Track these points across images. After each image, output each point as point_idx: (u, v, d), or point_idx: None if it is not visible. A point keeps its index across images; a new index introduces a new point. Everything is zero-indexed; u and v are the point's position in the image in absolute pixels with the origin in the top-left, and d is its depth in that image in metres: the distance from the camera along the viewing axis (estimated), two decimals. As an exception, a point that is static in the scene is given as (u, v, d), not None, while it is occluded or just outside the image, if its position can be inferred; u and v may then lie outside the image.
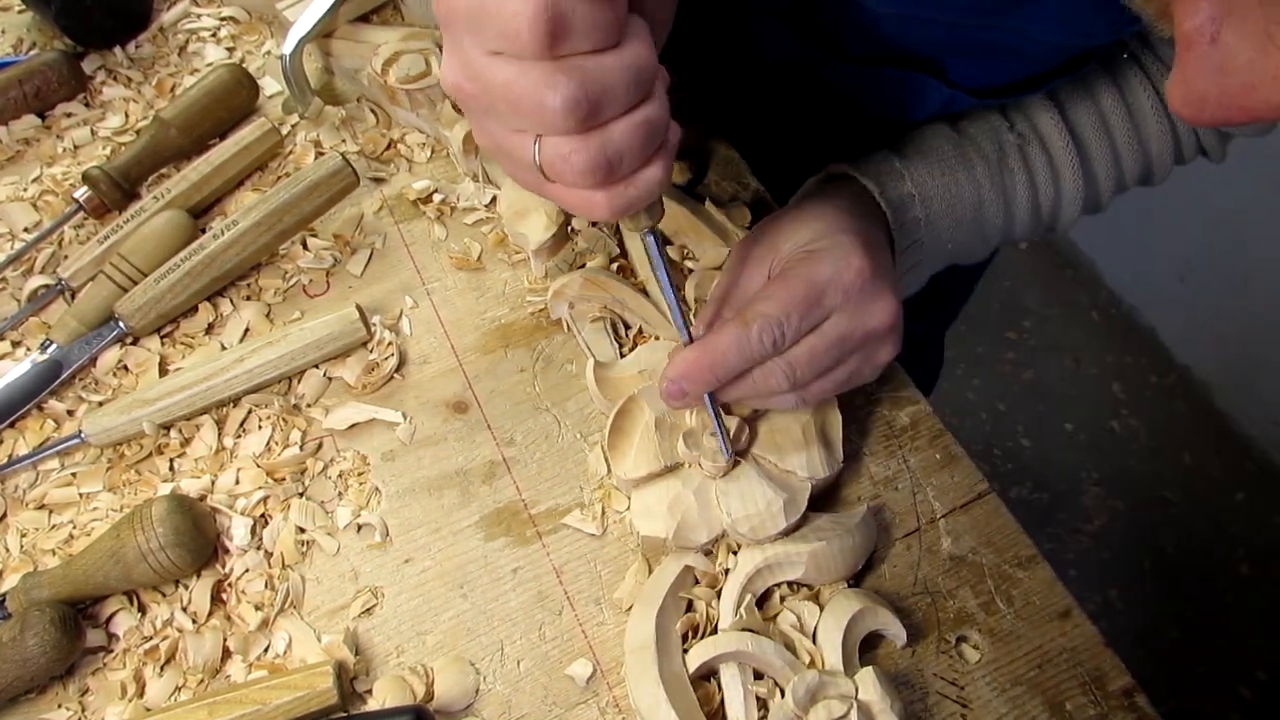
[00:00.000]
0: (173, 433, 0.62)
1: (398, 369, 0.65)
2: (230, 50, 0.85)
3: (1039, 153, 0.64)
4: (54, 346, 0.65)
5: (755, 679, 0.52)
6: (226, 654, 0.55)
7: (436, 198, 0.73)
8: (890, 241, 0.61)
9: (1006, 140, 0.64)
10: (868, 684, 0.50)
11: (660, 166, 0.42)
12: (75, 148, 0.78)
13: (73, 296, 0.69)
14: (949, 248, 0.65)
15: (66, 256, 0.71)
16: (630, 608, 0.55)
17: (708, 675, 0.53)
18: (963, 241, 0.65)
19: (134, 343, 0.67)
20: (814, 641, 0.53)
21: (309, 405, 0.64)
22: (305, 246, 0.71)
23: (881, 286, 0.54)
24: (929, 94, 0.64)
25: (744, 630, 0.52)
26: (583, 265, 0.67)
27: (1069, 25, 0.55)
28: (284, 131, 0.77)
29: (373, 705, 0.53)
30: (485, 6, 0.35)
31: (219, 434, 0.62)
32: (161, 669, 0.54)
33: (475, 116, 0.43)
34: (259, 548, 0.58)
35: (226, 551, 0.58)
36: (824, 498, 0.59)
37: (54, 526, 0.60)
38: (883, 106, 0.69)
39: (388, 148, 0.77)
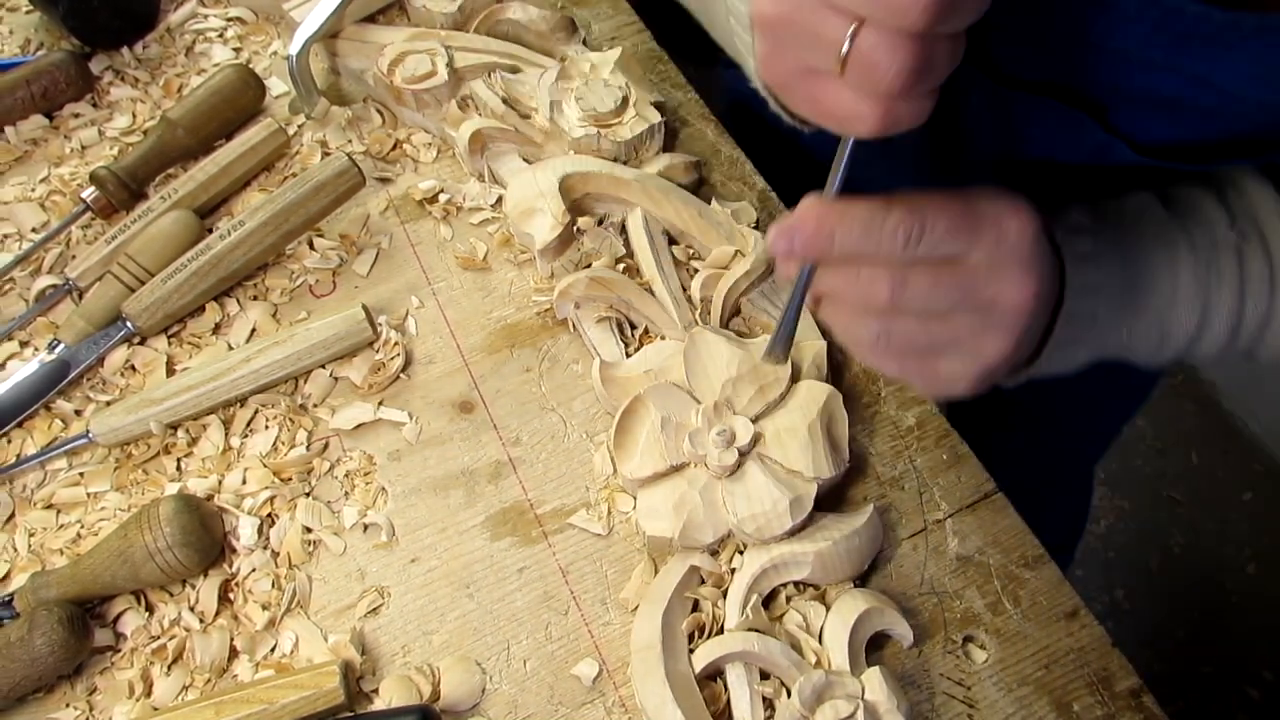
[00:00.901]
0: (180, 432, 0.62)
1: (404, 369, 0.65)
2: (237, 51, 0.85)
3: (1258, 258, 0.52)
4: (62, 346, 0.65)
5: (761, 679, 0.52)
6: (233, 653, 0.55)
7: (442, 197, 0.74)
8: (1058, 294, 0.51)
9: (1223, 236, 0.52)
10: (874, 684, 0.50)
11: (932, 101, 0.40)
12: (83, 148, 0.78)
13: (80, 296, 0.69)
14: (1123, 335, 0.53)
15: (74, 256, 0.71)
16: (636, 607, 0.55)
17: (714, 675, 0.53)
18: (1136, 335, 0.53)
19: (141, 343, 0.67)
20: (820, 641, 0.53)
21: (315, 405, 0.64)
22: (311, 246, 0.71)
23: (1034, 269, 0.47)
24: (1083, 136, 0.56)
25: (750, 630, 0.52)
26: (589, 265, 0.67)
27: (1269, 80, 0.45)
28: (290, 132, 0.77)
29: (379, 705, 0.53)
30: None
31: (226, 434, 0.62)
32: (169, 668, 0.54)
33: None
34: (266, 547, 0.58)
35: (233, 551, 0.58)
36: (830, 498, 0.59)
37: (62, 526, 0.60)
38: (1023, 139, 0.61)
39: (394, 148, 0.77)
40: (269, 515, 0.60)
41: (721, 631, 0.54)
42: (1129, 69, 0.50)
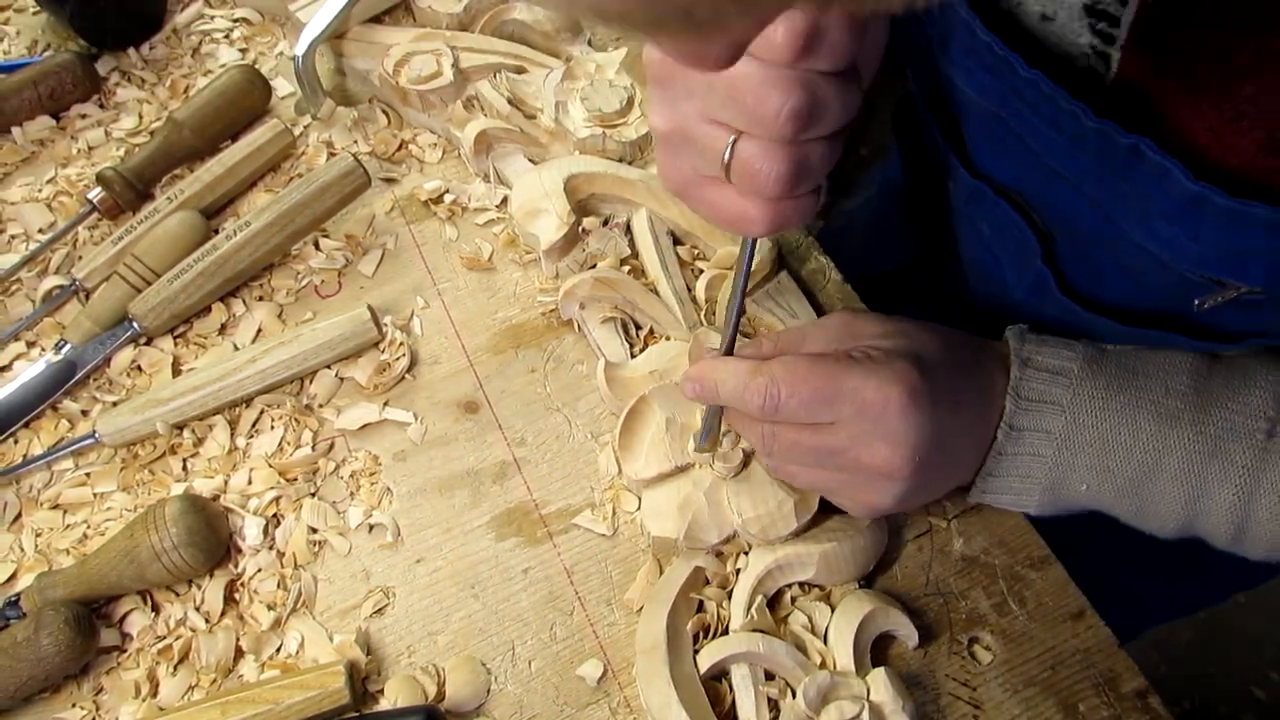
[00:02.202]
0: (186, 433, 0.62)
1: (409, 369, 0.65)
2: (243, 51, 0.85)
3: None
4: (68, 347, 0.66)
5: (766, 680, 0.52)
6: (239, 653, 0.55)
7: (448, 198, 0.74)
8: (998, 422, 0.50)
9: (1252, 426, 0.48)
10: (879, 685, 0.50)
11: (817, 197, 0.43)
12: (89, 149, 0.78)
13: (87, 297, 0.69)
14: (1083, 489, 0.50)
15: (80, 257, 0.72)
16: (641, 608, 0.55)
17: (719, 676, 0.53)
18: (1104, 496, 0.51)
19: (147, 343, 0.67)
20: (825, 642, 0.53)
21: (321, 405, 0.64)
22: (317, 247, 0.71)
23: (902, 432, 0.47)
24: (1028, 259, 0.56)
25: (755, 631, 0.52)
26: (594, 265, 0.67)
27: (1222, 262, 0.44)
28: (296, 132, 0.77)
29: (384, 705, 0.53)
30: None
31: (231, 434, 0.63)
32: (175, 668, 0.54)
33: (671, 94, 0.43)
34: (271, 548, 0.59)
35: (239, 551, 0.58)
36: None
37: (68, 526, 0.60)
38: (993, 241, 0.61)
39: (399, 148, 0.78)
40: (274, 515, 0.60)
41: (726, 632, 0.54)
42: (1078, 202, 0.50)
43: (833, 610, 0.54)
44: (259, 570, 0.58)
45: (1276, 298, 0.44)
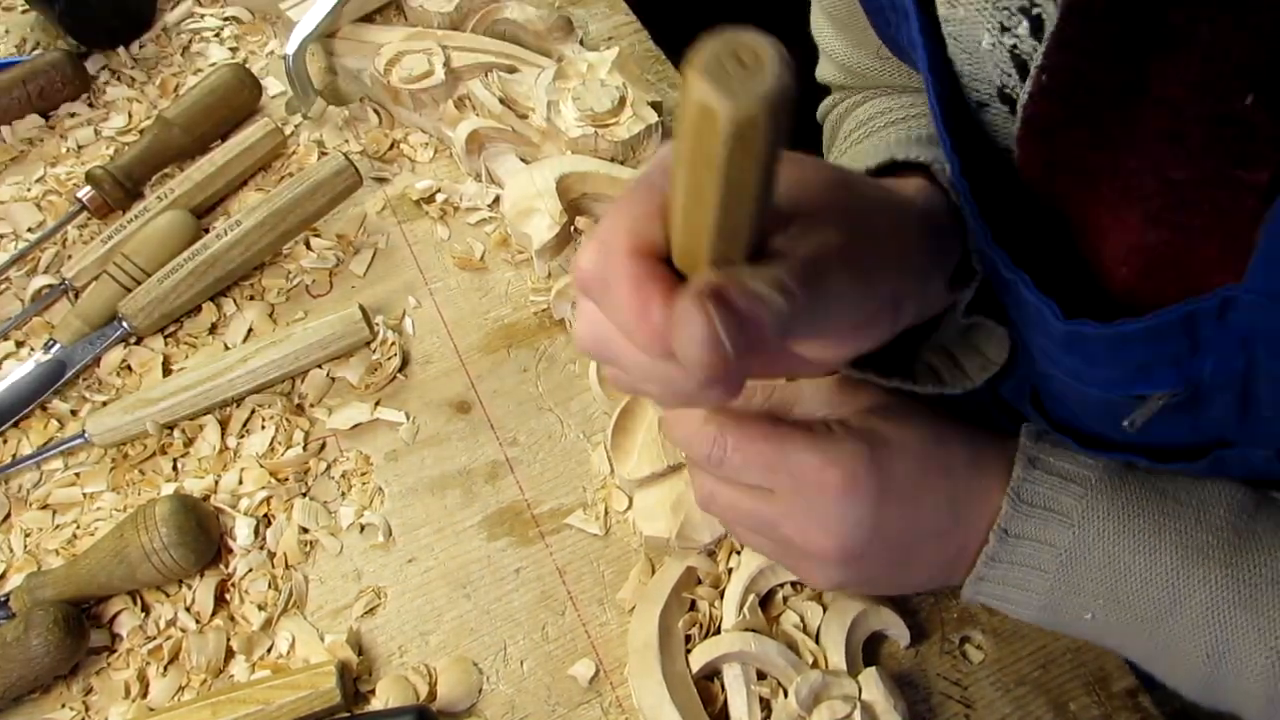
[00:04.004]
0: (176, 433, 0.62)
1: (401, 369, 0.65)
2: (233, 50, 0.85)
3: None
4: (58, 346, 0.65)
5: (758, 679, 0.52)
6: (230, 654, 0.55)
7: (439, 198, 0.73)
8: (988, 527, 0.45)
9: None
10: (871, 684, 0.50)
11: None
12: (79, 147, 0.78)
13: (76, 296, 0.69)
14: (1088, 617, 0.45)
15: (70, 256, 0.71)
16: (633, 608, 0.55)
17: (711, 675, 0.53)
18: (1112, 631, 0.45)
19: (137, 342, 0.67)
20: (817, 642, 0.53)
21: (312, 405, 0.64)
22: (308, 246, 0.71)
23: (833, 518, 0.44)
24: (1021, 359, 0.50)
25: (747, 630, 0.52)
26: (586, 265, 0.67)
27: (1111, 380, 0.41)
28: (287, 131, 0.77)
29: (376, 705, 0.53)
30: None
31: (222, 434, 0.62)
32: (165, 669, 0.54)
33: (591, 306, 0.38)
34: (262, 548, 0.58)
35: (230, 551, 0.58)
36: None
37: (58, 526, 0.60)
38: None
39: (390, 148, 0.77)
40: (265, 515, 0.60)
41: (718, 632, 0.54)
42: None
43: (825, 610, 0.54)
44: (250, 570, 0.57)
45: (1199, 395, 0.40)
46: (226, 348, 0.66)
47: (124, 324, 0.65)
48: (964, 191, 0.41)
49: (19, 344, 0.68)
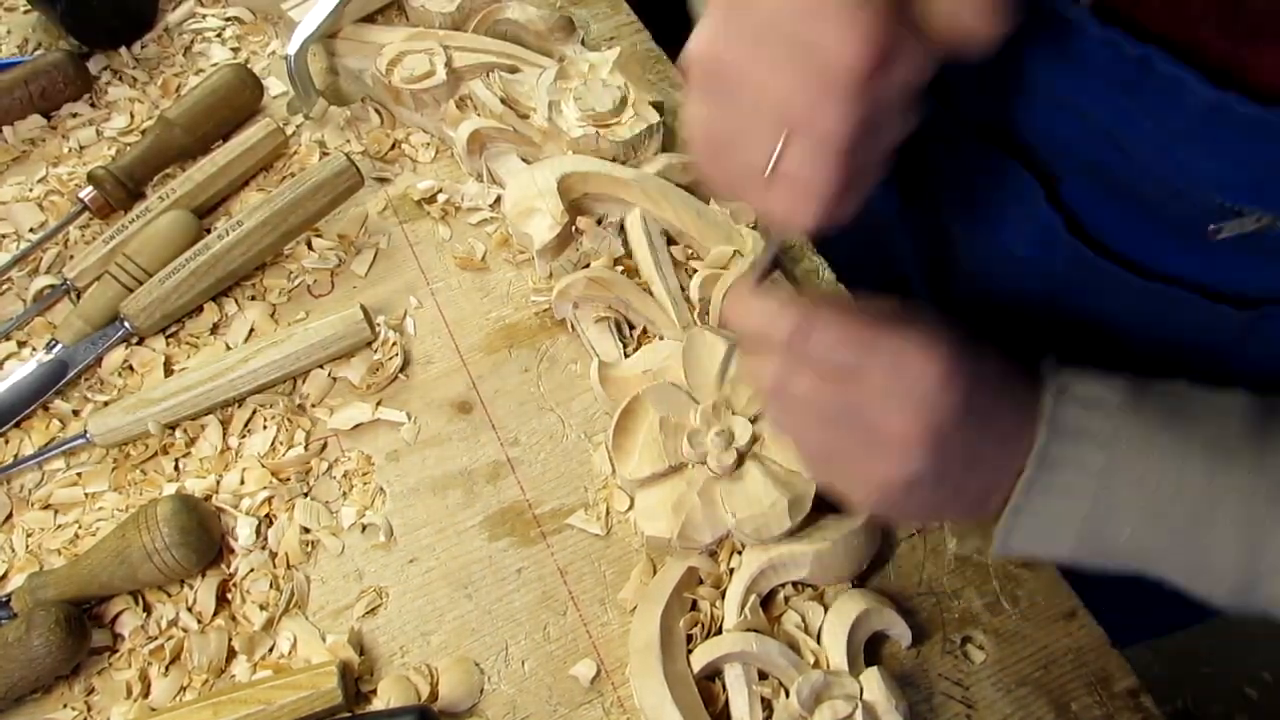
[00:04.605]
0: (178, 433, 0.62)
1: (402, 369, 0.65)
2: (235, 50, 0.85)
3: None
4: (59, 346, 0.65)
5: (760, 679, 0.52)
6: (231, 654, 0.55)
7: (441, 198, 0.73)
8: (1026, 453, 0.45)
9: None
10: (872, 684, 0.50)
11: (859, 198, 0.41)
12: (81, 148, 0.78)
13: (78, 296, 0.69)
14: (1125, 534, 0.44)
15: (72, 256, 0.71)
16: (634, 608, 0.55)
17: (712, 675, 0.53)
18: (1152, 550, 0.44)
19: (139, 343, 0.67)
20: (819, 642, 0.53)
21: (313, 405, 0.64)
22: (310, 247, 0.71)
23: (931, 403, 0.43)
24: (1026, 207, 0.52)
25: (748, 630, 0.52)
26: (587, 265, 0.67)
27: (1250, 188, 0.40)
28: (289, 132, 0.77)
29: (377, 705, 0.53)
30: (817, 18, 0.35)
31: (224, 434, 0.62)
32: (166, 669, 0.54)
33: (714, 96, 0.40)
34: (264, 548, 0.58)
35: (231, 551, 0.58)
36: (829, 498, 0.59)
37: (59, 526, 0.60)
38: (979, 203, 0.56)
39: (392, 148, 0.77)
40: (267, 515, 0.60)
41: (720, 632, 0.54)
42: (1084, 133, 0.46)
43: (826, 610, 0.54)
44: (251, 570, 0.57)
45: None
46: (228, 348, 0.66)
47: (126, 324, 0.65)
48: None
49: (21, 344, 0.68)
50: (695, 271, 0.66)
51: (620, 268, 0.67)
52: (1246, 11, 0.37)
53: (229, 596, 0.57)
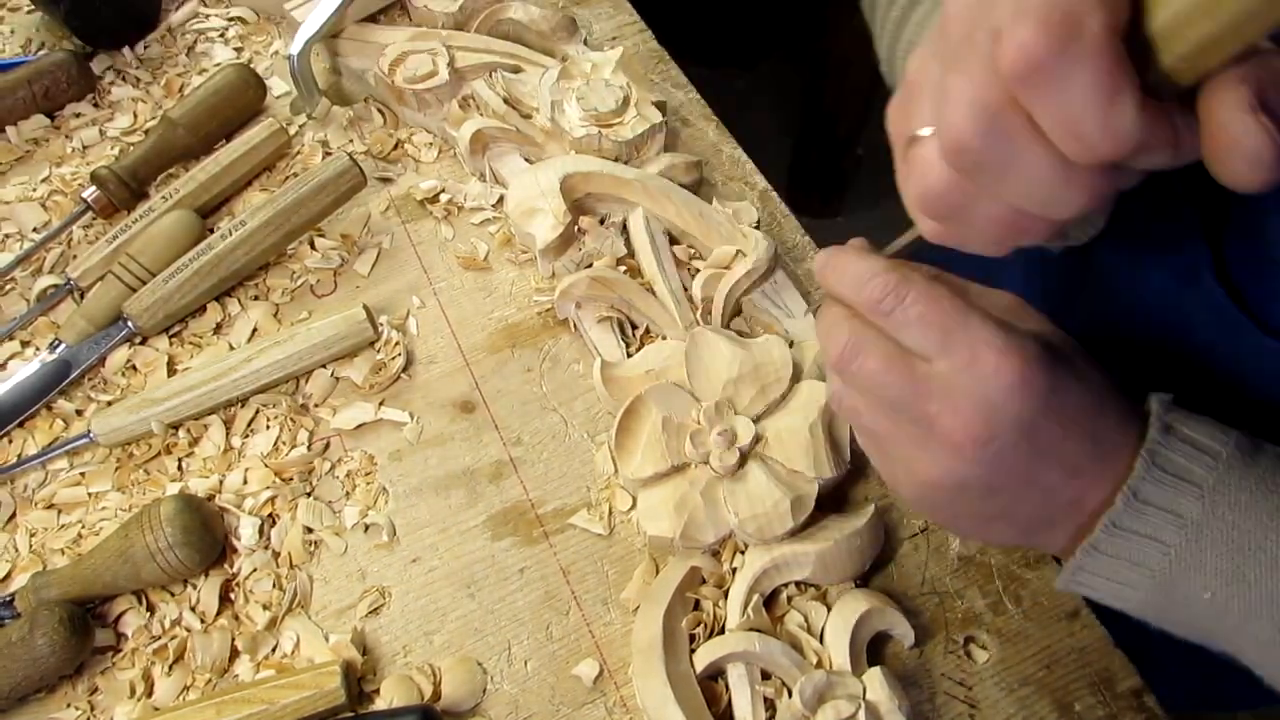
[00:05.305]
0: (181, 432, 0.62)
1: (405, 369, 0.65)
2: (238, 50, 0.85)
3: None
4: (63, 346, 0.65)
5: (762, 679, 0.52)
6: (234, 653, 0.55)
7: (443, 197, 0.74)
8: (1112, 490, 0.42)
9: None
10: (875, 684, 0.50)
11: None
12: (84, 148, 0.78)
13: (81, 296, 0.69)
14: (1206, 596, 0.41)
15: (75, 256, 0.71)
16: (637, 608, 0.55)
17: (715, 675, 0.53)
18: (1231, 617, 0.41)
19: (142, 342, 0.67)
20: (821, 642, 0.53)
21: (316, 405, 0.64)
22: (313, 246, 0.71)
23: (995, 407, 0.40)
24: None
25: (751, 630, 0.52)
26: (590, 265, 0.67)
27: None
28: (291, 131, 0.77)
29: (380, 705, 0.53)
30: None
31: (227, 434, 0.62)
32: (170, 668, 0.54)
33: (979, 179, 0.36)
34: (267, 547, 0.58)
35: (234, 551, 0.58)
36: (831, 498, 0.59)
37: (63, 526, 0.60)
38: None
39: (395, 148, 0.77)
40: (270, 515, 0.60)
41: (722, 631, 0.54)
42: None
43: (829, 609, 0.54)
44: (254, 570, 0.57)
45: None
46: (231, 348, 0.66)
47: (129, 324, 0.65)
48: None
49: (24, 344, 0.68)
50: (698, 271, 0.66)
51: (623, 268, 0.67)
52: None
53: (232, 596, 0.57)
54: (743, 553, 0.56)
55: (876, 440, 0.46)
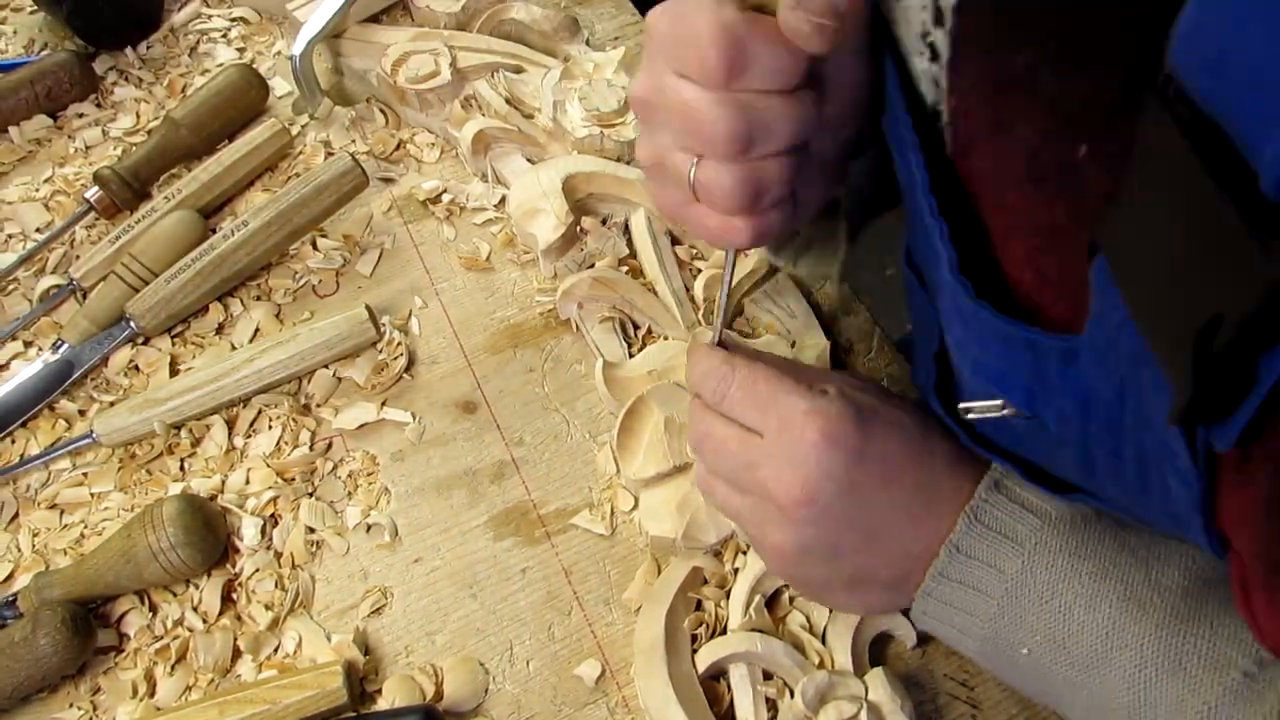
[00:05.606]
0: (183, 432, 0.62)
1: (407, 369, 0.65)
2: (240, 51, 0.85)
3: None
4: (65, 346, 0.65)
5: (764, 679, 0.52)
6: (236, 653, 0.55)
7: (445, 198, 0.74)
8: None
9: (1228, 657, 0.39)
10: (877, 684, 0.50)
11: (788, 208, 0.43)
12: (86, 148, 0.78)
13: (84, 296, 0.69)
14: (1024, 653, 0.43)
15: (78, 256, 0.72)
16: (639, 608, 0.55)
17: (717, 675, 0.53)
18: (1051, 676, 0.43)
19: (145, 342, 0.67)
20: (823, 642, 0.53)
21: (318, 405, 0.64)
22: (315, 247, 0.71)
23: (809, 465, 0.43)
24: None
25: (753, 630, 0.52)
26: (592, 265, 0.67)
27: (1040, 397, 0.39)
28: (294, 132, 0.77)
29: (382, 705, 0.53)
30: (681, 33, 0.38)
31: (229, 434, 0.63)
32: (172, 668, 0.54)
33: (648, 129, 0.44)
34: (269, 547, 0.58)
35: (237, 551, 0.58)
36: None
37: (65, 526, 0.60)
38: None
39: (397, 148, 0.77)
40: (272, 515, 0.60)
41: (724, 632, 0.54)
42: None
43: (830, 610, 0.54)
44: (256, 570, 0.57)
45: (1051, 436, 0.40)
46: (233, 348, 0.66)
47: (131, 324, 0.65)
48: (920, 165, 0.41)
49: (27, 344, 0.68)
50: (699, 272, 0.66)
51: (625, 268, 0.67)
52: (1008, 209, 0.38)
53: (234, 596, 0.57)
54: (745, 553, 0.56)
55: (737, 517, 0.50)
